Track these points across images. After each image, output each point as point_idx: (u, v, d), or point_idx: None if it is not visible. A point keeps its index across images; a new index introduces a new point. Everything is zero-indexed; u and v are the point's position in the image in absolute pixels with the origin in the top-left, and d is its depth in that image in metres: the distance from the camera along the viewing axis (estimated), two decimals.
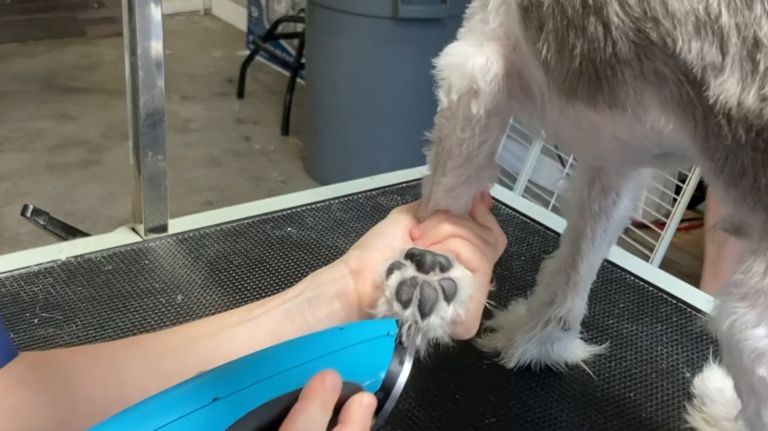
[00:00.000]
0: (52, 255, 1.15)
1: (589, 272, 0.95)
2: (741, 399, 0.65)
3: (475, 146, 0.77)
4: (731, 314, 0.60)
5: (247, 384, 0.55)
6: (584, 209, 0.92)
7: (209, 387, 0.54)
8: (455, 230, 0.77)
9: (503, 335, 1.02)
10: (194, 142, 3.64)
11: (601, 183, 0.90)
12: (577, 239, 0.93)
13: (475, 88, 0.74)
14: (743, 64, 0.57)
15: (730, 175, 0.61)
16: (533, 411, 0.95)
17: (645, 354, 1.05)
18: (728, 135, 0.59)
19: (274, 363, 0.57)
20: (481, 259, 0.76)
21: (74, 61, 4.39)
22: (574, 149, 0.83)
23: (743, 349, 0.60)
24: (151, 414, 0.52)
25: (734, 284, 0.61)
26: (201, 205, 3.06)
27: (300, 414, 0.54)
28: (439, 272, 0.73)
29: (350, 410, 0.57)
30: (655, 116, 0.64)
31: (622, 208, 0.91)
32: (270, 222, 1.28)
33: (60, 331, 1.01)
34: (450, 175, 0.79)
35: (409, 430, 0.91)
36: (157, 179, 1.21)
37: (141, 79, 1.15)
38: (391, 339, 0.64)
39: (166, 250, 1.19)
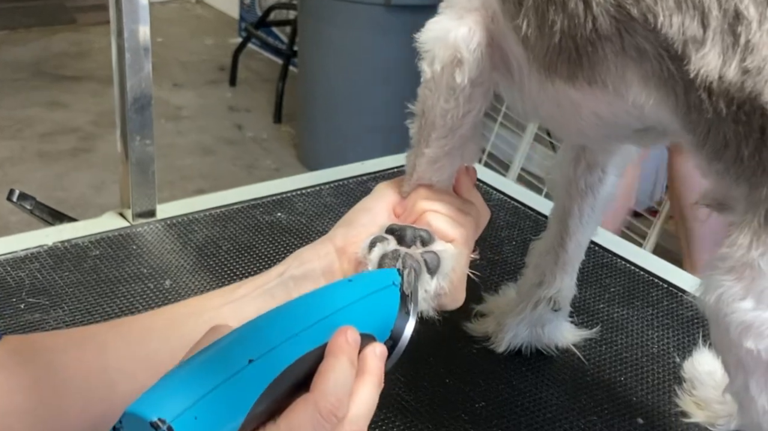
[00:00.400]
0: (39, 240, 1.14)
1: (577, 251, 0.95)
2: (728, 373, 0.64)
3: (459, 116, 0.76)
4: (718, 287, 0.60)
5: (278, 342, 0.55)
6: (570, 188, 0.91)
7: (242, 348, 0.54)
8: (431, 206, 0.77)
9: (493, 319, 1.01)
10: (186, 130, 3.62)
11: (587, 160, 0.90)
12: (565, 218, 0.93)
13: (459, 57, 0.74)
14: (724, 37, 0.57)
15: (713, 148, 0.61)
16: (523, 396, 0.95)
17: (635, 338, 1.05)
18: (709, 109, 0.59)
19: (297, 319, 0.57)
20: (457, 229, 0.76)
21: (64, 48, 4.37)
22: (554, 126, 0.83)
23: (730, 322, 0.60)
24: (192, 381, 0.52)
25: (720, 257, 0.61)
26: (193, 193, 3.04)
27: (331, 371, 0.55)
28: (420, 245, 0.73)
29: (367, 360, 0.59)
30: (637, 92, 0.64)
31: (608, 184, 0.91)
32: (259, 207, 1.27)
33: (46, 316, 1.00)
34: (433, 146, 0.78)
35: (399, 415, 0.90)
36: (145, 163, 1.20)
37: (128, 62, 1.14)
38: (396, 289, 0.65)
39: (154, 235, 1.19)
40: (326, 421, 0.54)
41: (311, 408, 0.54)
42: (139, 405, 0.50)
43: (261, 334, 0.56)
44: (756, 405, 0.63)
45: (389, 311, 0.64)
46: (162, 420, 0.49)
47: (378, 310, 0.64)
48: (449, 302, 0.76)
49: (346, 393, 0.56)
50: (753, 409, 0.63)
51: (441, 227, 0.76)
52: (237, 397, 0.52)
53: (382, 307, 0.64)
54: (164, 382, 0.52)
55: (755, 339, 0.60)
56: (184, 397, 0.50)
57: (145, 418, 0.49)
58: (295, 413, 0.54)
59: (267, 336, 0.55)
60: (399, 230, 0.74)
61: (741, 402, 0.65)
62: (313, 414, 0.54)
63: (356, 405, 0.57)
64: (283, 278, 0.74)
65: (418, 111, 0.80)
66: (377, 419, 0.90)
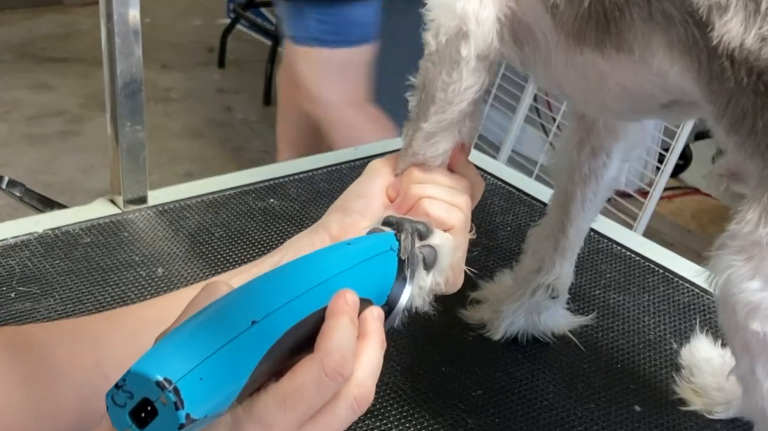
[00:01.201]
0: (29, 228, 1.12)
1: (577, 237, 0.94)
2: (735, 355, 0.64)
3: (461, 91, 0.75)
4: (727, 267, 0.60)
5: (280, 304, 0.54)
6: (574, 172, 0.90)
7: (245, 309, 0.53)
8: (426, 191, 0.76)
9: (489, 306, 1.01)
10: (175, 112, 3.60)
11: (591, 145, 0.89)
12: (567, 203, 0.92)
13: (465, 30, 0.73)
14: (747, 3, 0.57)
15: (731, 119, 0.61)
16: (520, 383, 0.94)
17: (632, 325, 1.04)
18: (731, 78, 0.59)
19: (298, 282, 0.56)
20: (454, 215, 0.75)
21: (51, 30, 4.33)
22: (579, 99, 0.82)
23: (737, 302, 0.60)
24: (196, 342, 0.50)
25: (729, 235, 0.61)
26: (182, 176, 3.03)
27: (333, 331, 0.54)
28: (418, 239, 0.72)
29: (367, 323, 0.58)
30: (662, 59, 0.64)
31: (612, 169, 0.90)
32: (252, 193, 1.26)
33: (37, 305, 0.99)
34: (431, 120, 0.77)
35: (394, 404, 0.90)
36: (136, 149, 1.18)
37: (118, 46, 1.12)
38: (394, 254, 0.65)
39: (146, 222, 1.17)
40: (331, 380, 0.53)
41: (316, 367, 0.52)
42: (144, 364, 0.48)
43: (263, 296, 0.55)
44: (761, 389, 0.63)
45: (387, 277, 0.64)
46: (168, 380, 0.48)
47: (376, 275, 0.63)
48: (449, 287, 0.75)
49: (351, 353, 0.54)
50: (758, 392, 0.63)
51: (439, 214, 0.75)
52: (240, 359, 0.51)
53: (379, 272, 0.64)
54: (167, 342, 0.51)
55: (762, 320, 0.60)
56: (188, 358, 0.49)
57: (151, 377, 0.48)
58: (298, 373, 0.53)
59: (269, 298, 0.54)
60: (396, 223, 0.72)
61: (746, 385, 0.64)
62: (318, 373, 0.52)
63: (361, 368, 0.56)
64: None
65: (418, 84, 0.78)
66: (372, 408, 0.89)
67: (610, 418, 0.90)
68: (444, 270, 0.72)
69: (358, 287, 0.58)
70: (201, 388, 0.49)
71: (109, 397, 0.49)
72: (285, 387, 0.52)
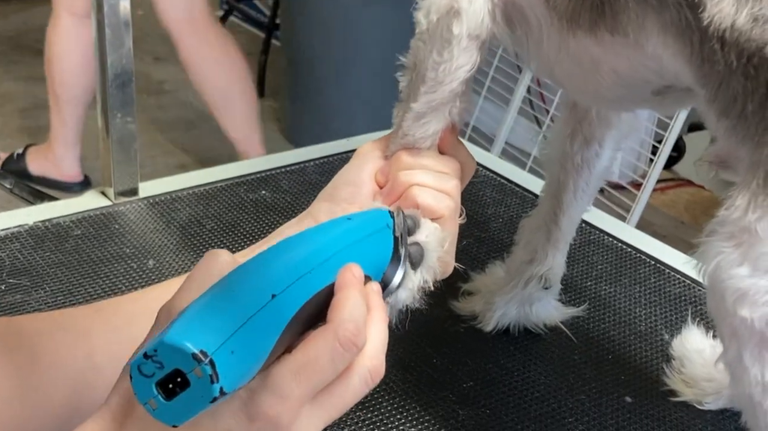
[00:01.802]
0: (20, 220, 1.12)
1: (569, 227, 0.94)
2: (723, 342, 0.64)
3: (452, 70, 0.74)
4: (717, 254, 0.60)
5: (295, 278, 0.54)
6: (566, 162, 0.90)
7: (263, 282, 0.53)
8: (415, 178, 0.75)
9: (481, 298, 1.01)
10: (167, 104, 3.59)
11: (584, 134, 0.89)
12: (559, 193, 0.92)
13: (456, 8, 0.72)
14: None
15: (722, 103, 0.61)
16: (511, 375, 0.94)
17: (623, 316, 1.04)
18: (721, 60, 0.59)
19: (309, 256, 0.57)
20: (443, 202, 0.74)
21: (44, 22, 4.29)
22: (571, 86, 0.81)
23: (726, 289, 0.60)
24: (222, 315, 0.50)
25: (719, 222, 0.61)
26: (174, 168, 3.02)
27: (345, 302, 0.54)
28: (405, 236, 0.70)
29: (371, 298, 0.58)
30: (656, 42, 0.65)
31: (604, 159, 0.90)
32: (244, 185, 1.26)
33: (28, 297, 0.99)
34: (421, 100, 0.76)
35: (385, 395, 0.90)
36: (127, 141, 1.18)
37: (108, 38, 1.11)
38: (390, 231, 0.65)
39: (137, 214, 1.17)
40: (346, 350, 0.53)
41: (330, 337, 0.53)
42: (177, 335, 0.48)
43: (277, 270, 0.54)
44: (749, 376, 0.63)
45: (383, 254, 0.65)
46: (204, 352, 0.47)
47: (374, 252, 0.64)
48: (440, 274, 0.74)
49: (363, 323, 0.55)
50: (745, 379, 0.63)
51: (427, 203, 0.74)
52: (264, 332, 0.51)
53: (377, 249, 0.64)
54: (193, 314, 0.50)
55: (750, 307, 0.60)
56: (219, 331, 0.49)
57: (187, 349, 0.47)
58: (312, 344, 0.52)
59: (284, 272, 0.54)
60: None
61: (734, 372, 0.64)
62: (333, 342, 0.52)
63: (372, 341, 0.56)
64: None
65: (409, 64, 0.78)
66: (363, 399, 0.88)
67: (601, 409, 0.91)
68: (431, 267, 0.71)
69: (361, 263, 0.59)
70: (232, 361, 0.49)
71: (135, 367, 0.48)
72: (299, 358, 0.52)
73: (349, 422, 0.86)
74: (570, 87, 0.83)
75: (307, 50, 3.09)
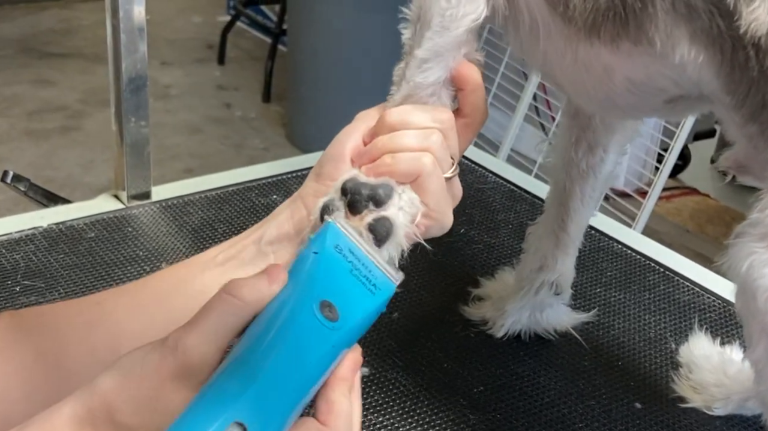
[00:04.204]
0: (34, 222, 1.13)
1: (578, 233, 0.95)
2: (751, 341, 0.65)
3: (458, 17, 0.73)
4: (750, 254, 0.61)
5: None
6: (571, 169, 0.91)
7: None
8: (390, 144, 0.70)
9: (491, 304, 1.01)
10: (174, 108, 3.60)
11: (588, 141, 0.89)
12: (565, 200, 0.93)
13: None
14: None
15: (750, 109, 0.61)
16: (521, 380, 0.95)
17: (632, 323, 1.05)
18: (755, 67, 0.60)
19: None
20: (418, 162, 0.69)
21: (52, 25, 4.33)
22: (575, 91, 0.79)
23: (758, 287, 0.61)
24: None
25: (751, 223, 0.61)
26: (181, 172, 3.03)
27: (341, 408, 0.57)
28: (373, 207, 0.67)
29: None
30: (684, 51, 0.64)
31: (609, 164, 0.91)
32: (255, 190, 1.26)
33: (42, 299, 1.00)
34: (425, 46, 0.74)
35: (396, 399, 0.91)
36: (140, 145, 1.19)
37: (123, 42, 1.12)
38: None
39: (150, 217, 1.18)
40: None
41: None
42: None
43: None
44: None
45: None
46: None
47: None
48: (436, 230, 0.71)
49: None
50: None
51: (399, 169, 0.69)
52: None
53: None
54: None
55: None
56: None
57: None
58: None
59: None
60: (352, 190, 0.68)
61: (761, 370, 0.65)
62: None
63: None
64: (261, 246, 0.72)
65: (412, 16, 0.76)
66: (375, 403, 0.90)
67: (611, 415, 0.91)
68: (399, 243, 0.67)
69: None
70: None
71: None
72: None
73: (361, 425, 0.87)
74: (573, 92, 0.81)
75: (314, 56, 3.11)
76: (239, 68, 4.02)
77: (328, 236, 0.62)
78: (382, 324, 1.01)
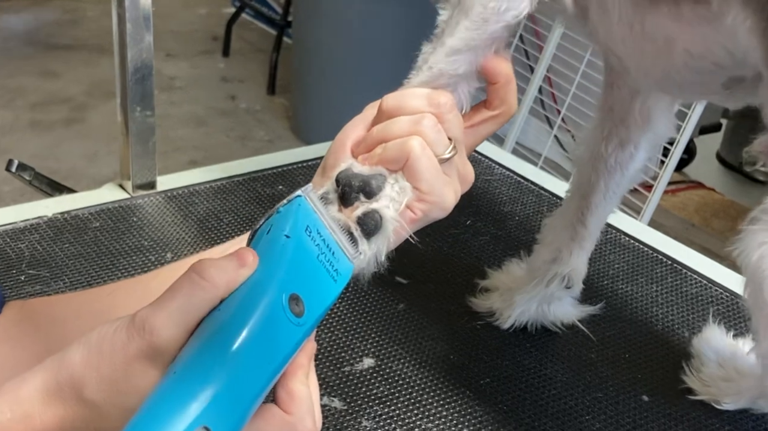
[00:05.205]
0: (39, 211, 1.13)
1: (596, 228, 0.94)
2: (758, 334, 0.64)
3: (500, 11, 0.70)
4: (762, 244, 0.60)
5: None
6: (598, 163, 0.90)
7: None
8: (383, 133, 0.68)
9: (498, 295, 1.01)
10: (179, 100, 3.60)
11: (620, 137, 0.88)
12: (588, 193, 0.92)
13: None
14: None
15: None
16: (528, 372, 0.95)
17: (640, 315, 1.04)
18: None
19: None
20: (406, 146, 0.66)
21: (56, 17, 4.32)
22: (638, 66, 0.77)
23: (766, 278, 0.59)
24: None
25: (764, 209, 0.60)
26: (186, 164, 3.03)
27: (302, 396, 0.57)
28: (364, 199, 0.66)
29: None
30: (737, 12, 0.62)
31: (638, 161, 0.90)
32: (260, 180, 1.26)
33: (47, 288, 0.99)
34: (458, 36, 0.71)
35: (402, 391, 0.90)
36: (145, 135, 1.19)
37: (129, 32, 1.12)
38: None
39: (155, 207, 1.17)
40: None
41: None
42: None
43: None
44: None
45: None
46: None
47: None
48: (437, 213, 0.69)
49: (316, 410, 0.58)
50: None
51: (388, 156, 0.67)
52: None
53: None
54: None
55: None
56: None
57: None
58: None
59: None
60: (344, 181, 0.66)
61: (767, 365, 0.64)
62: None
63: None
64: None
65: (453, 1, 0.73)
66: (380, 395, 0.89)
67: (618, 407, 0.91)
68: (387, 237, 0.66)
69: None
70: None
71: None
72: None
73: (366, 416, 0.87)
74: (635, 67, 0.78)
75: (319, 48, 3.10)
76: (244, 60, 4.02)
77: (300, 216, 0.60)
78: (388, 315, 1.01)
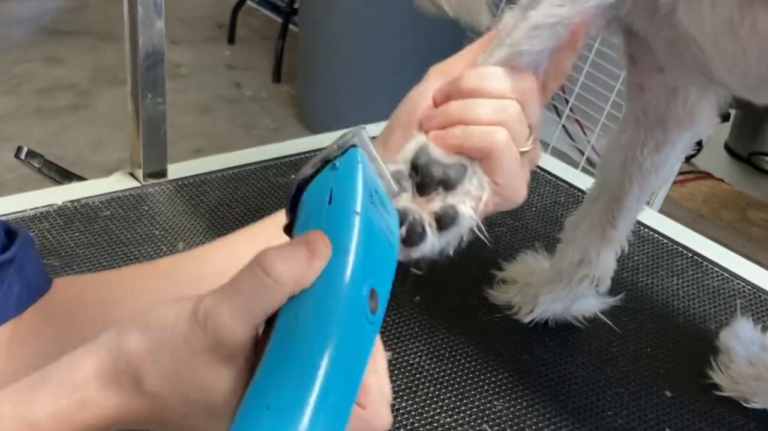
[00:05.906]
0: (48, 199, 1.11)
1: (626, 229, 0.92)
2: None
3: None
4: None
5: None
6: (632, 166, 0.88)
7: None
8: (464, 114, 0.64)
9: (517, 288, 0.99)
10: (184, 88, 3.58)
11: (656, 140, 0.86)
12: (620, 197, 0.89)
13: None
14: None
15: None
16: (548, 366, 0.93)
17: (660, 308, 1.03)
18: None
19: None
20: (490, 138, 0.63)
21: (61, 3, 4.29)
22: (732, 65, 0.71)
23: None
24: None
25: None
26: (191, 152, 3.01)
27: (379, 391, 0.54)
28: (442, 191, 0.63)
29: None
30: None
31: (673, 160, 0.88)
32: (272, 169, 1.24)
33: (57, 277, 0.97)
34: (542, 11, 0.65)
35: (420, 385, 0.88)
36: (156, 122, 1.17)
37: (140, 17, 1.10)
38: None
39: (166, 196, 1.15)
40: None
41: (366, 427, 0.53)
42: None
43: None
44: None
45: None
46: None
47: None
48: (507, 206, 0.66)
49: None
50: None
51: (471, 145, 0.63)
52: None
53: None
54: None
55: None
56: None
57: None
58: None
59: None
60: (424, 170, 0.63)
61: None
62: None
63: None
64: None
65: None
66: (398, 388, 0.88)
67: (641, 403, 0.89)
68: (461, 234, 0.64)
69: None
70: None
71: None
72: None
73: None
74: (727, 65, 0.72)
75: (325, 36, 3.07)
76: (249, 48, 3.99)
77: (365, 179, 0.55)
78: (405, 307, 0.99)
